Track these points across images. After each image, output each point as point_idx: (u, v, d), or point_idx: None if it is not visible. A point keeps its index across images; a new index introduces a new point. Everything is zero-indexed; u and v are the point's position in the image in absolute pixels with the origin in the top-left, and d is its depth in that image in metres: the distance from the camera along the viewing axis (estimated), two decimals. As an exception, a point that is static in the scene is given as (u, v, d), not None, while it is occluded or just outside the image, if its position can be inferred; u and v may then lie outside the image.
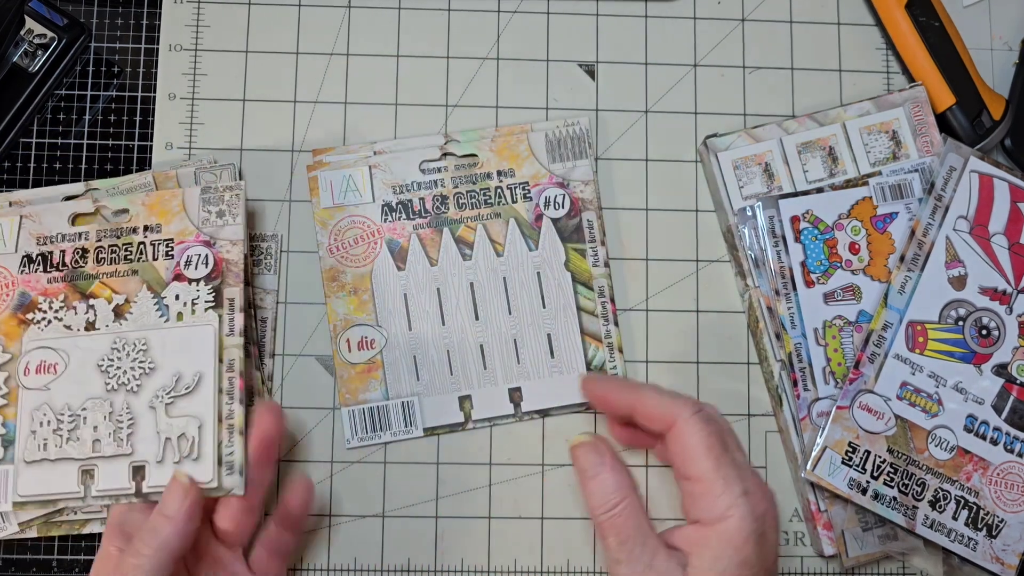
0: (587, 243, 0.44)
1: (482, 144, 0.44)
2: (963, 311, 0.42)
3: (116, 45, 0.46)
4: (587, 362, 0.43)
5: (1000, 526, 0.42)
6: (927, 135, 0.44)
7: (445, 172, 0.44)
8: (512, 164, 0.44)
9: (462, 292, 0.43)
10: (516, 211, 0.44)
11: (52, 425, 0.40)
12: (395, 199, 0.43)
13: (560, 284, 0.43)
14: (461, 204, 0.44)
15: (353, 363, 0.42)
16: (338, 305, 0.43)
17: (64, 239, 0.42)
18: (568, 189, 0.44)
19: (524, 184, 0.44)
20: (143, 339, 0.40)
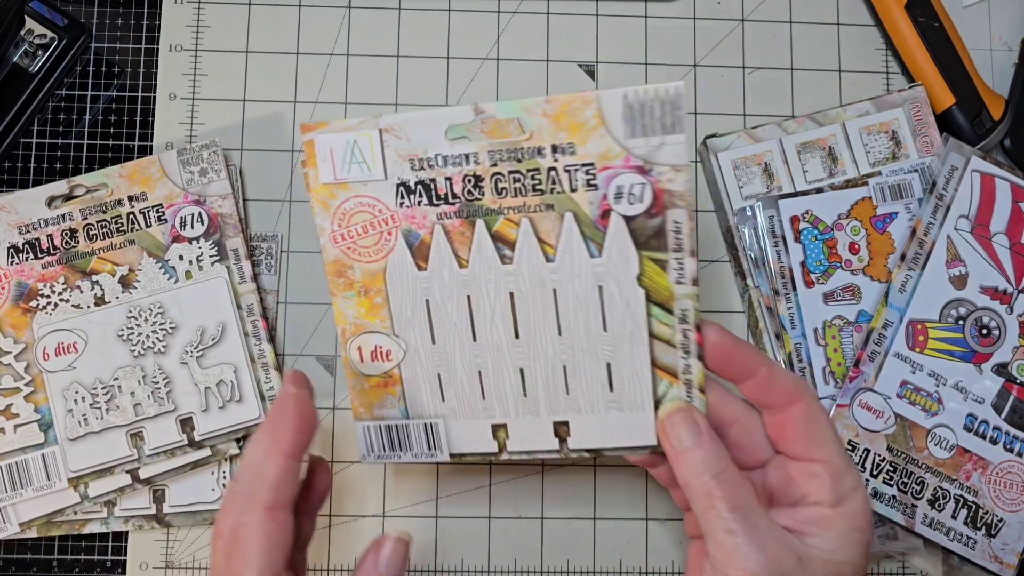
0: (670, 252, 0.32)
1: (533, 110, 0.32)
2: (964, 310, 0.42)
3: (116, 45, 0.46)
4: (656, 399, 0.34)
5: (999, 525, 0.42)
6: (927, 135, 0.44)
7: (480, 142, 0.33)
8: (573, 136, 0.32)
9: (499, 303, 0.34)
10: (575, 203, 0.33)
11: (88, 400, 0.41)
12: (413, 177, 0.33)
13: (628, 303, 0.33)
14: (501, 189, 0.33)
15: (366, 374, 0.35)
16: (346, 306, 0.35)
17: (47, 223, 0.42)
18: (651, 176, 0.32)
19: (589, 166, 0.32)
20: (157, 303, 0.42)
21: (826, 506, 0.32)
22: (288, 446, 0.30)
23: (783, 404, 0.33)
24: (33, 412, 0.41)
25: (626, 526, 0.44)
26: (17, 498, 0.41)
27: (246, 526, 0.30)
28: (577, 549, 0.43)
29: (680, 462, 0.32)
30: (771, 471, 0.33)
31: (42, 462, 0.41)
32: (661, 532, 0.44)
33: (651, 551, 0.44)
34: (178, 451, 0.41)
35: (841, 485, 0.32)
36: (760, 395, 0.33)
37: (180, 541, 0.42)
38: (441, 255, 0.34)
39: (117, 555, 0.42)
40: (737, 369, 0.33)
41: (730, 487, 0.31)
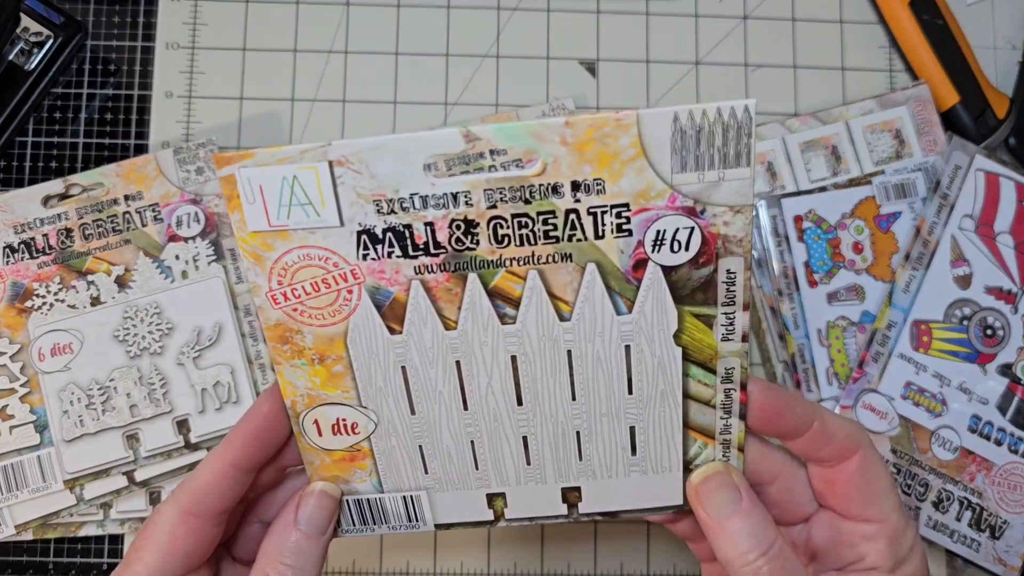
0: (720, 307, 0.27)
1: (547, 135, 0.25)
2: (968, 310, 0.42)
3: (113, 43, 0.46)
4: (686, 461, 0.30)
5: (1003, 527, 0.41)
6: (931, 134, 0.44)
7: (471, 176, 0.26)
8: (602, 171, 0.25)
9: (497, 368, 0.28)
10: (601, 252, 0.26)
11: (83, 401, 0.41)
12: (380, 223, 0.26)
13: (662, 363, 0.28)
14: (502, 237, 0.26)
15: (327, 449, 0.29)
16: (295, 376, 0.28)
17: (43, 223, 0.42)
18: (702, 219, 0.26)
19: (622, 207, 0.26)
20: (154, 303, 0.41)
21: (884, 571, 0.28)
22: (235, 455, 0.28)
23: (838, 458, 0.29)
24: (29, 413, 0.41)
25: (627, 530, 0.43)
26: (12, 500, 0.40)
27: (157, 518, 0.28)
28: (578, 553, 0.43)
29: (719, 534, 0.28)
30: (816, 528, 0.30)
31: (38, 464, 0.40)
32: (663, 536, 0.43)
33: (653, 555, 0.43)
34: (174, 453, 0.41)
35: (900, 547, 0.28)
36: (812, 451, 0.29)
37: (177, 543, 0.42)
38: (421, 315, 0.28)
39: (113, 558, 0.42)
40: (787, 427, 0.29)
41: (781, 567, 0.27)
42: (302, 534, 0.28)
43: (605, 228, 0.26)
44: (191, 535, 0.28)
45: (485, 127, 0.25)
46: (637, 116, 0.24)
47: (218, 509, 0.28)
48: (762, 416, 0.28)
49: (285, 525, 0.28)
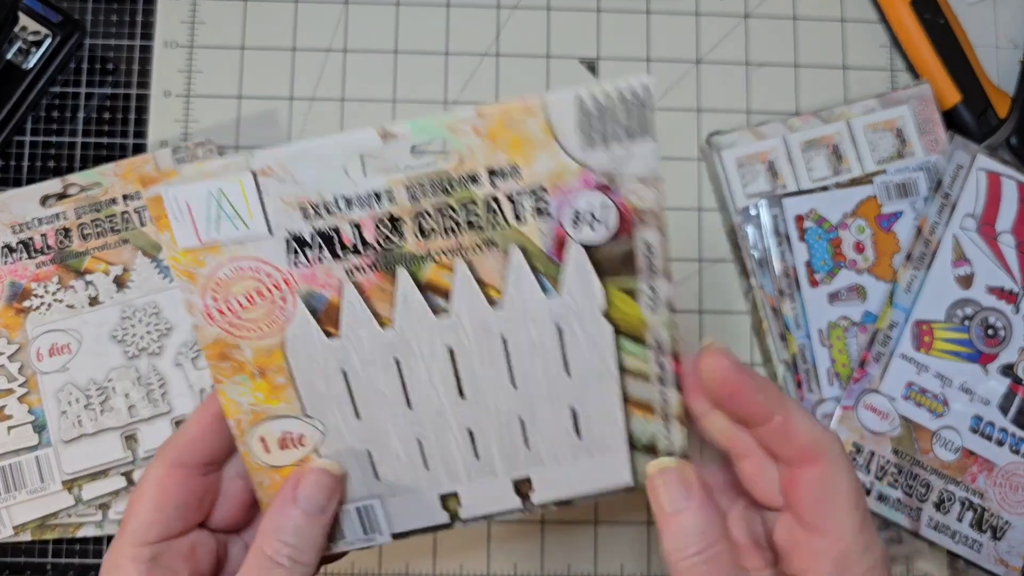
0: (642, 278, 0.28)
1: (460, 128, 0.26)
2: (970, 310, 0.42)
3: (111, 42, 0.46)
4: (631, 439, 0.30)
5: (1005, 528, 0.41)
6: (932, 133, 0.44)
7: (393, 174, 0.26)
8: (516, 156, 0.26)
9: (436, 362, 0.29)
10: (523, 235, 0.27)
11: (82, 402, 0.40)
12: (308, 228, 0.27)
13: (595, 340, 0.28)
14: (427, 230, 0.27)
15: (276, 466, 0.29)
16: (237, 393, 0.28)
17: (41, 223, 0.42)
18: (615, 195, 0.27)
19: (538, 190, 0.27)
20: (152, 303, 0.41)
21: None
22: (218, 407, 0.28)
23: (797, 462, 0.28)
24: (27, 414, 0.40)
25: (628, 531, 0.43)
26: (11, 501, 0.40)
27: (146, 475, 0.28)
28: (578, 554, 0.43)
29: (666, 527, 0.27)
30: (779, 525, 0.29)
31: (36, 464, 0.40)
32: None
33: (653, 556, 0.43)
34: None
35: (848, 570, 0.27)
36: (771, 446, 0.28)
37: (176, 544, 0.42)
38: (356, 317, 0.28)
39: (112, 559, 0.42)
40: (744, 411, 0.28)
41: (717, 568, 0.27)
42: (301, 512, 0.27)
43: (525, 212, 0.27)
44: (180, 486, 0.27)
45: (401, 124, 0.26)
46: (542, 101, 0.25)
47: (204, 459, 0.28)
48: (719, 392, 0.28)
49: (284, 502, 0.27)
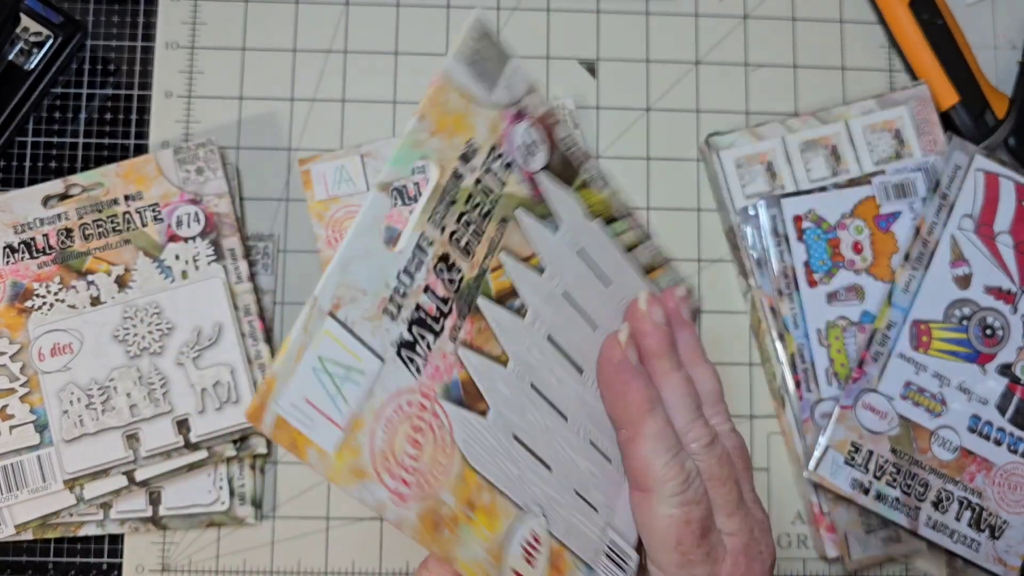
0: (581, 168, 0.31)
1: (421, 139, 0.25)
2: (968, 310, 0.42)
3: (112, 43, 0.46)
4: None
5: (1003, 527, 0.41)
6: (930, 134, 0.44)
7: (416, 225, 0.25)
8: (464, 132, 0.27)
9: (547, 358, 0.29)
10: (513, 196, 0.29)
11: (83, 401, 0.40)
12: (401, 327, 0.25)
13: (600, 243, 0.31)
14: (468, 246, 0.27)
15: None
16: (471, 553, 0.26)
17: (43, 223, 0.42)
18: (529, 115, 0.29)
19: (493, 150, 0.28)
20: (153, 303, 0.41)
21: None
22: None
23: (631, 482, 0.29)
24: (29, 413, 0.40)
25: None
26: (12, 500, 0.40)
27: None
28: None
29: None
30: None
31: (37, 464, 0.40)
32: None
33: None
34: (174, 453, 0.40)
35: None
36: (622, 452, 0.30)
37: (176, 544, 0.42)
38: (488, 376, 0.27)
39: (113, 558, 0.42)
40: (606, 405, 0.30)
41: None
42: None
43: (500, 174, 0.27)
44: None
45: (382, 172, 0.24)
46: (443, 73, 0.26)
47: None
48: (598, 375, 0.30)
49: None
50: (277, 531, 0.42)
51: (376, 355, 0.24)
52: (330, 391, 0.23)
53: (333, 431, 0.23)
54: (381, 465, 0.24)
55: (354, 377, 0.23)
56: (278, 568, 0.42)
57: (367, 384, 0.23)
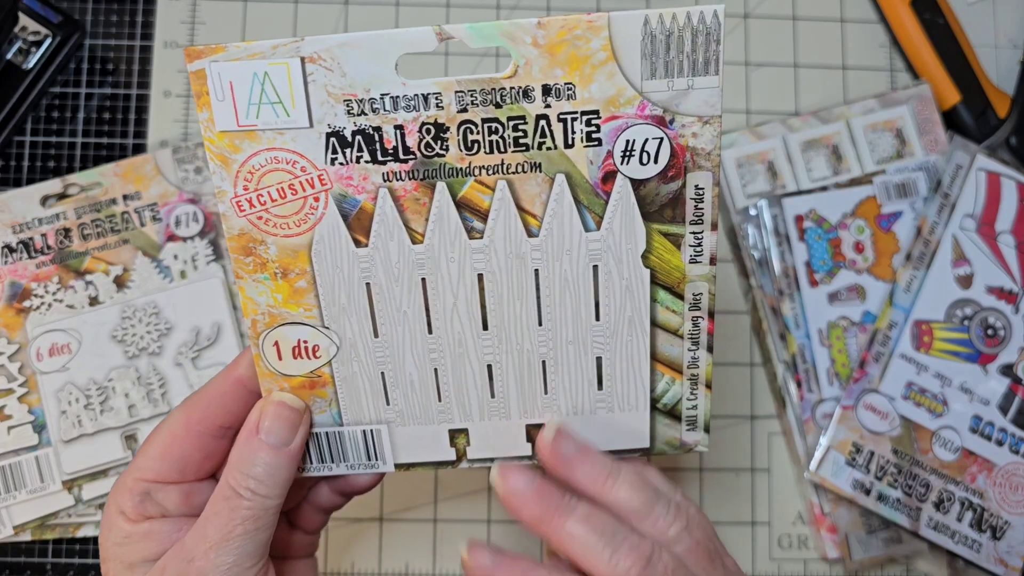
0: (688, 225, 0.26)
1: (519, 36, 0.24)
2: (969, 310, 0.42)
3: (111, 42, 0.46)
4: (653, 400, 0.29)
5: (1005, 528, 0.41)
6: (932, 133, 0.44)
7: (442, 78, 0.25)
8: (572, 75, 0.24)
9: (464, 287, 0.27)
10: (570, 162, 0.26)
11: (81, 402, 0.40)
12: (351, 124, 0.25)
13: (630, 285, 0.27)
14: (472, 143, 0.25)
15: (286, 374, 0.28)
16: (257, 292, 0.27)
17: (41, 223, 0.42)
18: (671, 129, 0.25)
19: (591, 115, 0.25)
20: (152, 303, 0.41)
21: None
22: (242, 371, 0.28)
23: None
24: (27, 413, 0.40)
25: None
26: (11, 500, 0.40)
27: (164, 422, 0.28)
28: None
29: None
30: None
31: (36, 464, 0.40)
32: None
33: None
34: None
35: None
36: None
37: (176, 544, 0.42)
38: (387, 227, 0.26)
39: (112, 558, 0.42)
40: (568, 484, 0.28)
41: None
42: (264, 444, 0.27)
43: (575, 136, 0.25)
44: (188, 442, 0.28)
45: (458, 26, 0.24)
46: (608, 17, 0.24)
47: (220, 422, 0.28)
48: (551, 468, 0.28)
49: (247, 435, 0.27)
50: (276, 532, 0.42)
51: (310, 117, 0.25)
52: (252, 97, 0.25)
53: (230, 119, 0.25)
54: (244, 174, 0.26)
55: (278, 111, 0.25)
56: (277, 569, 0.42)
57: (282, 125, 0.25)
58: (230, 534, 0.26)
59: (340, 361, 0.28)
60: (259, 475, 0.26)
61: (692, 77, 0.25)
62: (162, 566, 0.26)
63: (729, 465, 0.44)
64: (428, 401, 0.29)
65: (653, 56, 0.24)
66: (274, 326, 0.28)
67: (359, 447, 0.29)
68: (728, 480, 0.43)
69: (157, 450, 0.28)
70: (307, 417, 0.28)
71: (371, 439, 0.29)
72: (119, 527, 0.27)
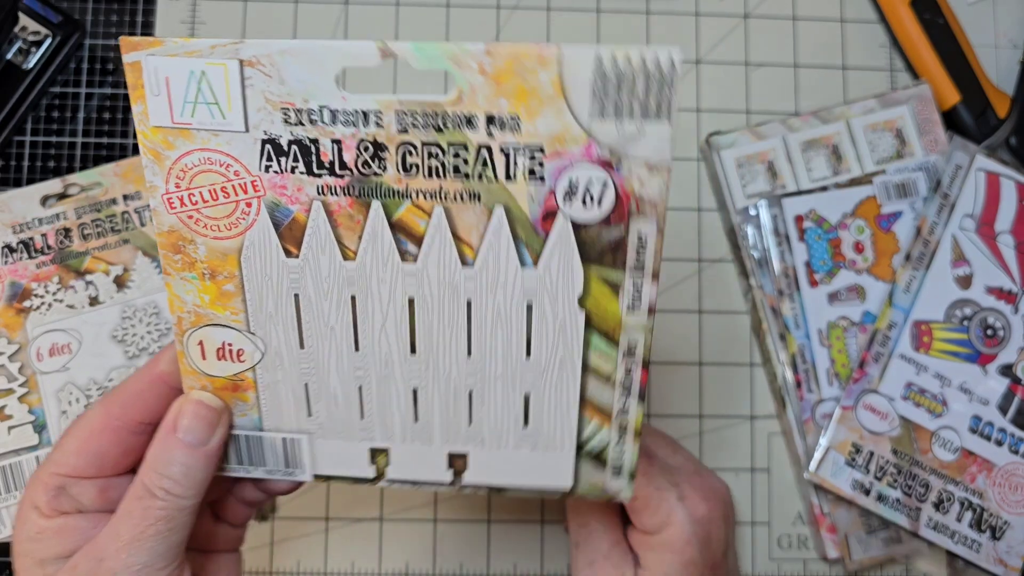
0: (629, 272, 0.26)
1: (465, 61, 0.24)
2: (969, 311, 0.42)
3: (111, 42, 0.46)
4: (579, 443, 0.29)
5: (1004, 528, 0.41)
6: (932, 133, 0.44)
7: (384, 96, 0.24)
8: (519, 106, 0.24)
9: (394, 309, 0.27)
10: (510, 196, 0.25)
11: (82, 402, 0.40)
12: (287, 133, 0.25)
13: (564, 326, 0.27)
14: (410, 165, 0.25)
15: (210, 375, 0.28)
16: (184, 290, 0.27)
17: (41, 223, 0.41)
18: (617, 173, 0.25)
19: (536, 150, 0.24)
20: (152, 303, 0.41)
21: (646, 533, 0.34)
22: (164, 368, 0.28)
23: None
24: (27, 413, 0.40)
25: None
26: (11, 500, 0.40)
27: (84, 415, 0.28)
28: (578, 552, 0.43)
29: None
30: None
31: (36, 464, 0.40)
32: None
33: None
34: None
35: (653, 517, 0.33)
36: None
37: (176, 544, 0.42)
38: (319, 240, 0.26)
39: (112, 558, 0.42)
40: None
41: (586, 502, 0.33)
42: (181, 443, 0.27)
43: (517, 170, 0.25)
44: (105, 438, 0.27)
45: (403, 44, 0.24)
46: (560, 52, 0.23)
47: (138, 417, 0.28)
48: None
49: (166, 433, 0.27)
50: (276, 531, 0.42)
51: (245, 122, 0.25)
52: (188, 95, 0.24)
53: (165, 115, 0.25)
54: (176, 172, 0.25)
55: (213, 111, 0.24)
56: (277, 568, 0.42)
57: (217, 126, 0.25)
58: (142, 534, 0.26)
59: (264, 367, 0.28)
60: (175, 475, 0.26)
61: (643, 121, 0.24)
62: (74, 564, 0.26)
63: (729, 465, 0.44)
64: (351, 417, 0.29)
65: (604, 96, 0.24)
66: (199, 325, 0.27)
67: (278, 454, 0.29)
68: (728, 480, 0.43)
69: (74, 444, 0.28)
70: (226, 417, 0.28)
71: (290, 447, 0.29)
72: (32, 522, 0.27)
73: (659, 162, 0.24)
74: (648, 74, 0.23)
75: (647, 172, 0.24)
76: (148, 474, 0.26)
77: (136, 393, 0.28)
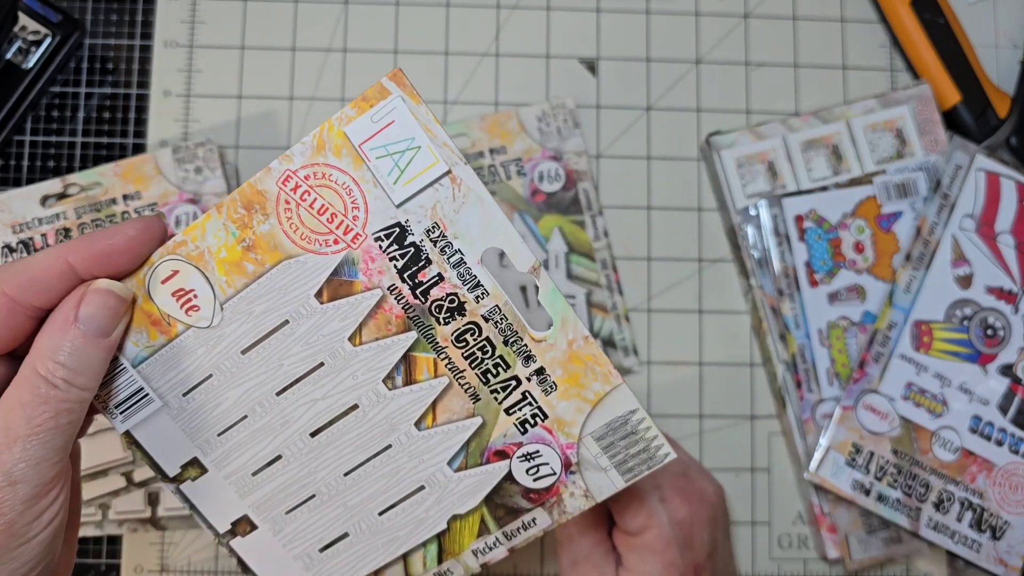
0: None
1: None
2: (969, 311, 0.42)
3: (111, 41, 0.46)
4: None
5: (1004, 528, 0.41)
6: (932, 133, 0.44)
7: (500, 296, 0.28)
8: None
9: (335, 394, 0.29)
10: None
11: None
12: (418, 238, 0.27)
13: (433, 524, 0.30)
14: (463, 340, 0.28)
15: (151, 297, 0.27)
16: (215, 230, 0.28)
17: (41, 223, 0.41)
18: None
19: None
20: None
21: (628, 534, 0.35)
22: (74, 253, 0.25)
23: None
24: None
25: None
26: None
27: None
28: (578, 552, 0.43)
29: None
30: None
31: None
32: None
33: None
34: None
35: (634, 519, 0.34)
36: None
37: (175, 544, 0.42)
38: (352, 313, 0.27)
39: (112, 558, 0.42)
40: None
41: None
42: (80, 332, 0.25)
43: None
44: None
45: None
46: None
47: (34, 300, 0.25)
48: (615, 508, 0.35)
49: (63, 321, 0.25)
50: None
51: (403, 200, 0.26)
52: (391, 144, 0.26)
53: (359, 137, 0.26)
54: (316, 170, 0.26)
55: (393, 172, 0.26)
56: (277, 569, 0.42)
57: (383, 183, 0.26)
58: (40, 427, 0.24)
59: (198, 335, 0.27)
60: (74, 365, 0.24)
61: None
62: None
63: (729, 465, 0.44)
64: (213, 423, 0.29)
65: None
66: (191, 261, 0.27)
67: (129, 390, 0.28)
68: (728, 480, 0.43)
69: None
70: (131, 310, 0.27)
71: (141, 397, 0.28)
72: None
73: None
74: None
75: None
76: (44, 363, 0.24)
77: (39, 273, 0.25)
